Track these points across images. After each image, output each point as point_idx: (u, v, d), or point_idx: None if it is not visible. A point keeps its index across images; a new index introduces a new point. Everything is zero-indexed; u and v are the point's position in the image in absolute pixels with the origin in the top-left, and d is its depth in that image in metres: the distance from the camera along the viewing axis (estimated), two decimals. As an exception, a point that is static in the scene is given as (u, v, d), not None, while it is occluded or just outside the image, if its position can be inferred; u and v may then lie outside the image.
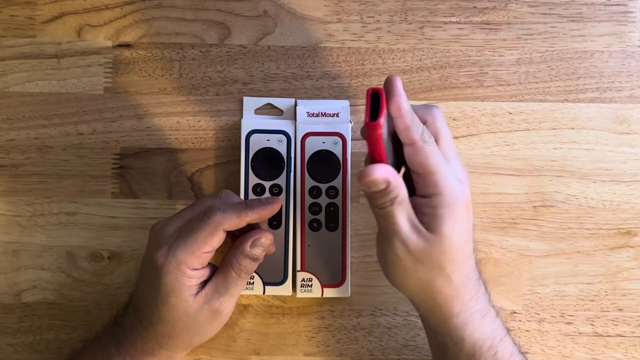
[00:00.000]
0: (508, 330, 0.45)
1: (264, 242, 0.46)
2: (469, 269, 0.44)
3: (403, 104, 0.41)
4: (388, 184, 0.40)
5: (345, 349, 0.54)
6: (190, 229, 0.44)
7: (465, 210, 0.42)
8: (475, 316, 0.43)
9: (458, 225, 0.42)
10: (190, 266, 0.44)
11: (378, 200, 0.41)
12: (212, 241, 0.44)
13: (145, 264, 0.46)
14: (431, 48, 0.55)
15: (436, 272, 0.42)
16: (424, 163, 0.42)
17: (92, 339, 0.49)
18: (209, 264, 0.46)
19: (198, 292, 0.45)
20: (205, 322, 0.46)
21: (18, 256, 0.54)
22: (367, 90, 0.41)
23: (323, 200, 0.52)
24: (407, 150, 0.42)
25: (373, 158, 0.41)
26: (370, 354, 0.54)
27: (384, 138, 0.40)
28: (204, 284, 0.45)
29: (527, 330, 0.54)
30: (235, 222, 0.44)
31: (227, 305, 0.46)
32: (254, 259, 0.46)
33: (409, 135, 0.41)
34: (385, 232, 0.43)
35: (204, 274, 0.45)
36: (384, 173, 0.40)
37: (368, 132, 0.40)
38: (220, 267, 0.46)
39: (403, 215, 0.41)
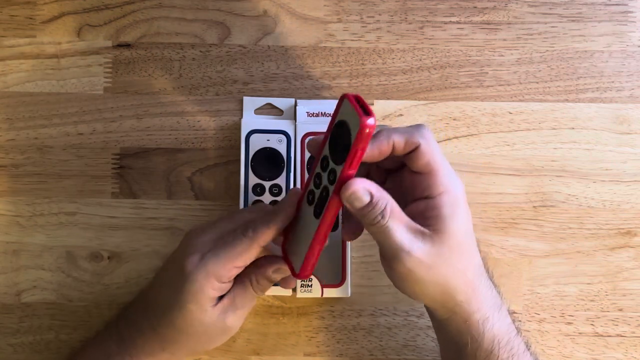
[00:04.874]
0: (518, 327, 0.45)
1: (285, 272, 0.46)
2: (479, 262, 0.44)
3: (390, 137, 0.41)
4: (371, 195, 0.39)
5: (345, 349, 0.54)
6: (227, 243, 0.44)
7: (465, 202, 0.42)
8: (493, 310, 0.43)
9: (462, 219, 0.42)
10: (219, 279, 0.44)
11: (368, 217, 0.40)
12: (246, 257, 0.44)
13: (169, 266, 0.46)
14: (431, 48, 0.55)
15: (450, 271, 0.41)
16: (430, 161, 0.41)
17: (94, 336, 0.49)
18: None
19: (216, 304, 0.45)
20: (216, 333, 0.46)
21: (18, 256, 0.54)
22: (347, 96, 0.39)
23: (323, 200, 0.52)
24: (411, 156, 0.41)
25: (348, 172, 0.39)
26: (370, 354, 0.54)
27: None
28: (220, 297, 0.45)
29: (527, 330, 0.54)
30: (270, 237, 0.44)
31: (240, 319, 0.46)
32: (271, 282, 0.46)
33: (411, 142, 0.41)
34: (389, 250, 0.41)
35: (227, 287, 0.45)
36: (363, 183, 0.39)
37: (364, 134, 0.37)
38: (238, 282, 0.46)
39: (400, 227, 0.40)
